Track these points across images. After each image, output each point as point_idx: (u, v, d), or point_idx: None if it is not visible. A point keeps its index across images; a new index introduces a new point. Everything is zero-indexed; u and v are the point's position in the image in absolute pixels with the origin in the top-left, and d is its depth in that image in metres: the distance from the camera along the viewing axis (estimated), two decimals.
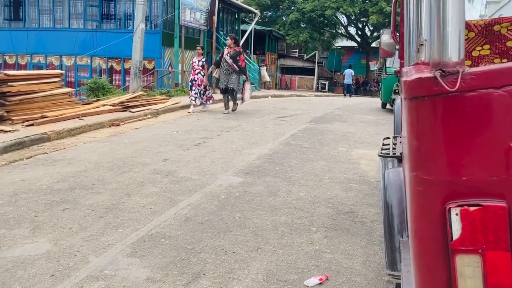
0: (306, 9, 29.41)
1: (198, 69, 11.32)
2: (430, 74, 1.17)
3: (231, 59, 10.88)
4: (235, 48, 10.95)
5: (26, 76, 8.96)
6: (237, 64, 10.94)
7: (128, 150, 6.68)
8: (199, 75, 11.30)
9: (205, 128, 8.90)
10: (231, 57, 10.88)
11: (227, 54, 10.93)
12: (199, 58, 11.45)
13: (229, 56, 10.90)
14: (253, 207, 4.35)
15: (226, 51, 10.98)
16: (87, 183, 4.91)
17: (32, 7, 20.06)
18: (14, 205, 4.16)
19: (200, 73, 11.31)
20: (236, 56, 10.90)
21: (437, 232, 1.19)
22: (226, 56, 10.95)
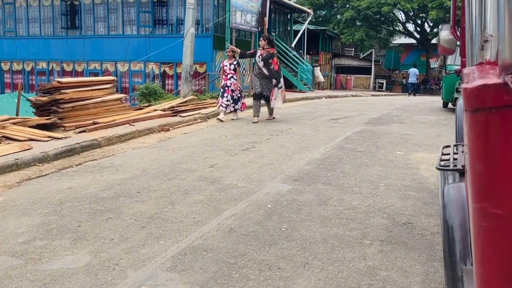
0: (361, 7, 28.73)
1: (230, 73, 10.43)
2: (498, 79, 0.91)
3: (262, 61, 9.98)
4: (268, 50, 10.02)
5: (78, 83, 9.21)
6: (269, 68, 9.98)
7: (176, 156, 6.65)
8: (232, 80, 10.42)
9: (254, 132, 8.76)
10: (263, 59, 9.97)
11: (259, 57, 10.05)
12: (230, 61, 10.50)
13: (260, 59, 10.00)
14: (302, 218, 4.13)
15: (259, 53, 10.11)
16: (132, 191, 4.89)
17: (88, 15, 20.82)
18: (58, 214, 4.18)
19: (233, 78, 10.44)
20: (268, 58, 9.94)
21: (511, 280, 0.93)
22: (258, 58, 10.09)
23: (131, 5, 20.07)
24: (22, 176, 5.63)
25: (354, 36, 29.74)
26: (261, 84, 10.10)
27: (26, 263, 3.22)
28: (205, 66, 18.48)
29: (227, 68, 10.43)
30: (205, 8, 18.57)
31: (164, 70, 19.57)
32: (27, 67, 22.04)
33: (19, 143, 6.85)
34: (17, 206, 4.42)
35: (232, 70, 10.41)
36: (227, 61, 10.52)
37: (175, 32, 19.44)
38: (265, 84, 10.10)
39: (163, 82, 19.07)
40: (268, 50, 9.99)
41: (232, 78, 10.42)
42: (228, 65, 10.44)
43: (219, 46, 18.59)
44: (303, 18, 27.96)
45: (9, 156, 6.10)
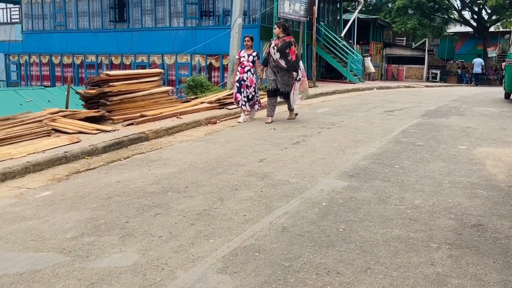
0: None
1: (248, 66, 9.07)
2: None
3: (278, 52, 8.67)
4: (284, 39, 8.71)
5: (126, 76, 9.25)
6: (286, 59, 8.65)
7: (224, 150, 6.52)
8: (248, 74, 9.08)
9: (304, 125, 8.51)
10: (279, 50, 8.67)
11: (274, 47, 8.73)
12: (249, 52, 9.12)
13: (275, 50, 8.70)
14: (360, 217, 3.88)
15: (273, 44, 8.81)
16: (180, 186, 4.78)
17: (136, 8, 21.11)
18: (106, 209, 4.13)
19: (250, 71, 9.08)
20: (285, 48, 8.62)
21: None
22: (272, 49, 8.76)
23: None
24: (70, 169, 5.65)
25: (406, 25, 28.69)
26: (276, 79, 8.88)
27: (73, 260, 3.15)
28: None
29: (245, 59, 9.11)
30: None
31: (211, 62, 19.57)
32: (76, 61, 22.64)
33: (68, 135, 6.92)
34: (65, 200, 4.41)
35: (250, 62, 9.09)
36: (245, 52, 9.18)
37: (222, 23, 19.38)
38: (281, 78, 8.82)
39: (209, 74, 19.08)
40: (284, 38, 8.71)
41: (249, 71, 9.08)
42: (246, 56, 9.12)
43: (266, 37, 18.35)
44: (353, 7, 27.26)
45: (59, 149, 6.16)
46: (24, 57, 24.04)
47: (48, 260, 3.16)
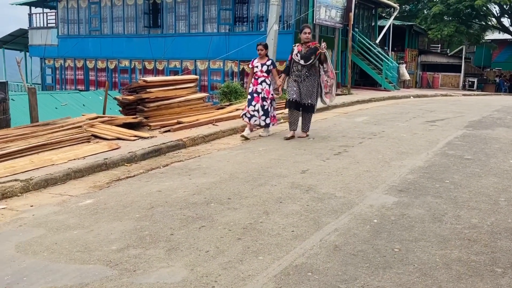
0: (451, 1, 27.08)
1: (262, 77, 8.07)
2: None
3: (303, 59, 7.77)
4: (308, 45, 7.82)
5: (163, 82, 9.26)
6: (312, 66, 7.84)
7: (263, 159, 6.41)
8: (264, 85, 8.07)
9: (343, 135, 8.33)
10: (303, 57, 7.77)
11: (297, 54, 7.86)
12: (263, 61, 8.13)
13: (299, 57, 7.81)
14: (415, 237, 3.70)
15: (296, 50, 7.91)
16: (222, 197, 4.69)
17: (169, 14, 21.30)
18: (150, 220, 4.06)
19: (265, 82, 8.08)
20: (310, 54, 7.74)
21: None
22: (295, 57, 7.87)
23: (212, 3, 20.26)
24: (111, 176, 5.63)
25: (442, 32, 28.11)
26: (299, 89, 7.89)
27: (121, 274, 3.08)
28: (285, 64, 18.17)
29: (258, 69, 8.10)
30: (287, 4, 18.31)
31: (243, 68, 19.55)
32: (110, 65, 22.99)
33: (108, 142, 6.93)
34: (108, 209, 4.36)
35: (264, 72, 8.07)
36: (258, 61, 8.17)
37: (255, 29, 19.36)
38: (305, 89, 7.86)
39: (242, 81, 19.05)
40: (309, 45, 7.82)
41: (264, 82, 8.07)
42: (260, 66, 8.10)
43: None
44: (388, 13, 26.91)
45: (99, 155, 6.16)
46: (59, 61, 24.56)
47: (96, 273, 3.09)
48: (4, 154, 5.75)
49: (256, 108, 8.03)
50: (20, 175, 5.19)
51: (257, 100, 8.06)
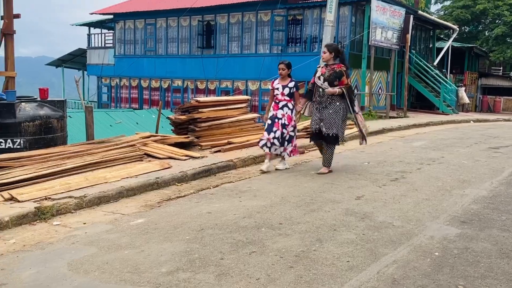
0: None
1: (283, 100, 7.11)
2: None
3: (325, 82, 6.84)
4: (333, 67, 6.86)
5: (215, 102, 9.36)
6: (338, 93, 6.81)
7: (315, 183, 6.29)
8: (285, 110, 7.10)
9: (400, 160, 8.08)
10: (327, 80, 6.82)
11: (320, 77, 6.90)
12: (284, 82, 7.16)
13: (322, 80, 6.87)
14: (481, 273, 3.46)
15: (319, 72, 6.95)
16: (274, 222, 4.61)
17: (223, 35, 21.73)
18: (200, 243, 4.03)
19: (286, 106, 7.11)
20: (333, 79, 6.77)
21: None
22: (318, 80, 6.92)
23: (265, 24, 20.50)
24: (162, 195, 5.68)
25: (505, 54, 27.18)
26: (319, 116, 6.94)
27: None
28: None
29: (279, 92, 7.15)
30: (341, 25, 18.24)
31: None
32: (164, 85, 23.61)
33: (160, 161, 7.03)
34: (158, 230, 4.38)
35: (286, 95, 7.11)
36: (279, 82, 7.21)
37: (308, 50, 19.39)
38: (327, 116, 6.85)
39: None
40: (333, 67, 6.84)
41: (285, 107, 7.12)
42: (281, 88, 7.14)
43: (355, 64, 18.09)
44: (447, 35, 26.27)
45: (151, 174, 6.25)
46: (115, 80, 25.49)
47: None
48: (61, 170, 5.93)
49: (277, 135, 7.04)
50: (74, 192, 5.33)
51: (278, 127, 7.08)
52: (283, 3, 18.99)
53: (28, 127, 6.75)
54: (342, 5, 17.80)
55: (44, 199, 5.04)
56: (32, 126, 6.79)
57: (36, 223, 4.62)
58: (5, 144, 6.68)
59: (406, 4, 19.68)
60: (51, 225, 4.58)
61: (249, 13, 20.83)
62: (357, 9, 18.42)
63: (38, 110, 6.95)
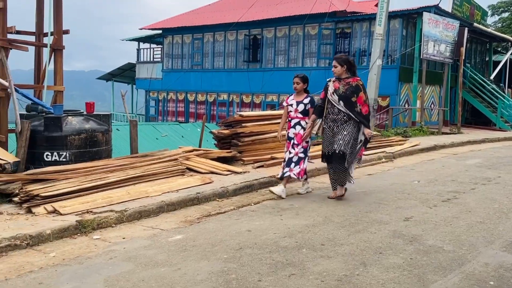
0: None
1: (296, 118, 6.49)
2: None
3: (341, 100, 6.09)
4: (348, 81, 6.15)
5: (259, 117, 9.31)
6: (353, 110, 6.08)
7: (362, 203, 6.10)
8: (297, 128, 6.45)
9: (453, 179, 7.75)
10: (341, 97, 6.09)
11: (334, 93, 6.17)
12: (299, 98, 6.54)
13: (336, 96, 6.14)
14: None
15: (332, 87, 6.20)
16: (315, 242, 4.47)
17: (269, 49, 21.82)
18: (238, 262, 3.95)
19: (299, 125, 6.45)
20: (350, 95, 6.07)
21: None
22: (331, 95, 6.19)
23: (313, 38, 20.45)
24: (202, 211, 5.65)
25: None
26: (332, 136, 6.21)
27: None
28: (388, 99, 17.74)
29: (293, 109, 6.53)
30: (391, 38, 17.93)
31: None
32: (210, 98, 23.91)
33: (201, 175, 7.03)
34: (197, 247, 4.33)
35: (300, 112, 6.48)
36: (294, 98, 6.61)
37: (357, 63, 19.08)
38: (341, 137, 6.12)
39: None
40: (348, 81, 6.14)
41: (298, 125, 6.45)
42: (295, 104, 6.53)
43: (406, 78, 17.71)
44: (504, 47, 25.32)
45: (192, 189, 6.24)
46: (162, 94, 26.05)
47: None
48: (103, 184, 6.02)
49: (285, 157, 6.54)
50: (116, 205, 5.38)
51: (287, 148, 6.54)
52: (331, 16, 18.88)
53: (73, 141, 6.92)
54: (393, 18, 17.50)
55: (85, 213, 5.11)
56: (78, 140, 6.95)
57: (76, 237, 4.68)
58: (51, 156, 6.87)
59: (460, 16, 19.13)
60: (91, 239, 4.63)
61: (296, 27, 20.85)
62: (408, 22, 18.06)
63: (84, 123, 7.12)
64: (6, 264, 3.96)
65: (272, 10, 21.65)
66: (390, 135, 13.15)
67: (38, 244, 4.41)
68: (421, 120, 16.73)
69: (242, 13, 20.19)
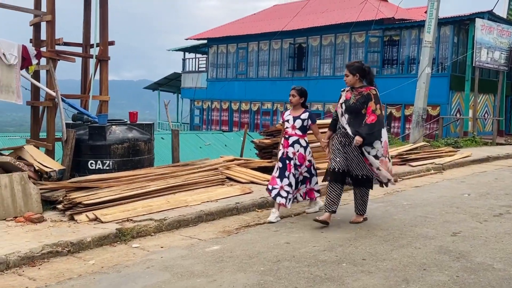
0: None
1: (295, 136, 5.80)
2: None
3: (349, 112, 5.43)
4: (360, 90, 5.42)
5: None
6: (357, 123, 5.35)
7: (407, 216, 5.92)
8: (296, 147, 5.77)
9: (507, 192, 7.42)
10: (350, 108, 5.41)
11: (343, 104, 5.51)
12: (296, 113, 5.87)
13: (345, 107, 5.47)
14: None
15: (343, 98, 5.54)
16: (356, 257, 4.36)
17: (314, 57, 21.76)
18: (275, 275, 3.90)
19: (298, 143, 5.77)
20: (360, 106, 5.35)
21: None
22: (339, 107, 5.58)
23: (360, 46, 20.24)
24: (241, 222, 5.65)
25: None
26: (346, 154, 5.45)
27: None
28: (438, 108, 17.29)
29: (289, 125, 5.86)
30: (442, 46, 17.51)
31: (391, 112, 18.98)
32: (253, 107, 24.04)
33: (241, 185, 7.04)
34: (233, 258, 4.32)
35: (297, 129, 5.80)
36: (290, 113, 5.94)
37: (405, 72, 18.79)
38: (355, 154, 5.40)
39: (389, 125, 18.46)
40: (361, 90, 5.42)
41: (296, 143, 5.78)
42: (292, 120, 5.86)
43: (457, 87, 17.21)
44: None
45: (231, 199, 6.26)
46: (207, 103, 26.42)
47: None
48: (144, 192, 6.13)
49: (291, 181, 5.74)
50: (155, 214, 5.46)
51: (290, 169, 5.76)
52: (379, 24, 18.63)
53: (117, 149, 7.09)
54: (443, 25, 17.09)
55: (126, 221, 5.21)
56: (121, 148, 7.12)
57: (116, 245, 4.77)
58: (95, 165, 7.06)
59: None
60: (130, 247, 4.71)
61: (343, 35, 20.70)
62: (459, 29, 17.58)
63: (127, 133, 7.28)
64: (47, 270, 4.08)
65: (318, 18, 21.60)
66: (440, 145, 12.77)
67: (79, 251, 4.53)
68: (474, 130, 16.17)
69: (286, 22, 20.25)
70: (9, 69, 6.55)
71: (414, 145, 11.78)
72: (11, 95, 6.59)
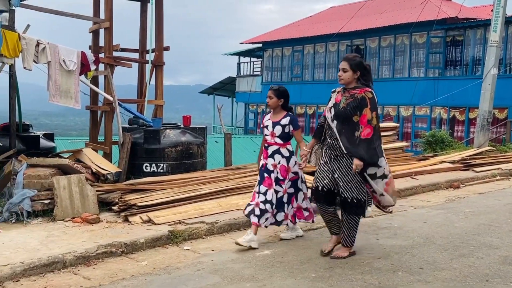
0: None
1: (275, 144, 4.94)
2: None
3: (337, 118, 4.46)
4: (354, 92, 4.41)
5: None
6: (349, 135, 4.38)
7: (469, 224, 5.69)
8: (277, 158, 4.90)
9: None
10: (338, 114, 4.44)
11: (332, 108, 4.52)
12: (276, 118, 4.99)
13: (334, 112, 4.49)
14: None
15: (333, 101, 4.55)
16: (413, 265, 4.23)
17: (373, 59, 21.38)
18: (326, 282, 3.85)
19: (279, 154, 4.91)
20: (351, 112, 4.36)
21: None
22: (327, 111, 4.59)
23: (420, 47, 19.74)
24: None
25: None
26: (333, 170, 4.50)
27: None
28: (506, 111, 16.56)
29: (268, 132, 5.00)
30: (509, 45, 16.78)
31: (454, 115, 18.37)
32: (309, 111, 23.93)
33: None
34: (284, 264, 4.30)
35: (277, 136, 4.94)
36: (270, 118, 5.06)
37: (470, 73, 18.12)
38: (343, 171, 4.43)
39: (452, 129, 17.86)
40: (354, 92, 4.42)
41: (277, 154, 4.92)
42: (271, 126, 4.99)
43: None
44: None
45: None
46: (261, 107, 26.55)
47: None
48: (196, 195, 6.23)
49: (268, 197, 4.81)
50: (206, 217, 5.53)
51: (269, 184, 4.87)
52: (441, 24, 18.07)
53: (170, 153, 7.26)
54: (511, 24, 16.33)
55: (178, 223, 5.31)
56: (175, 152, 7.28)
57: (168, 247, 4.87)
58: (150, 168, 7.26)
59: None
60: (181, 249, 4.79)
61: (402, 36, 20.25)
62: None
63: (181, 136, 7.44)
64: (101, 270, 4.22)
65: (376, 19, 21.24)
66: (507, 150, 12.19)
67: (132, 252, 4.66)
68: None
69: (343, 24, 20.03)
70: (69, 75, 6.87)
71: (479, 149, 11.31)
72: (70, 100, 6.90)
